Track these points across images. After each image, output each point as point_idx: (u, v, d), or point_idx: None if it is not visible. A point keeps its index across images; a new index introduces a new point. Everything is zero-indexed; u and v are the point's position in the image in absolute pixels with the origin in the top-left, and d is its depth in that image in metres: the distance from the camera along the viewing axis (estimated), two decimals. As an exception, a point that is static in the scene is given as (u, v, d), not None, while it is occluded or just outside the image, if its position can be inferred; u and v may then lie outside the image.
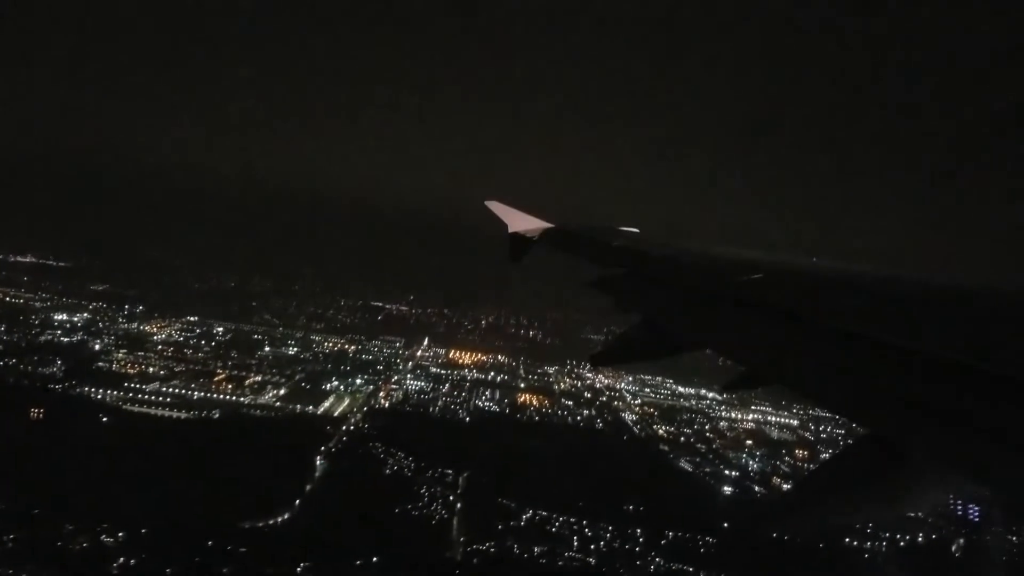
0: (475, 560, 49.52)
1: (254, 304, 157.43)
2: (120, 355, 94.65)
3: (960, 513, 62.06)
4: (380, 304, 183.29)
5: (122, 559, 38.23)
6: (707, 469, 79.79)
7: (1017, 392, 2.39)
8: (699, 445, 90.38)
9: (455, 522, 56.14)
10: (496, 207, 11.41)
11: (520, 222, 10.79)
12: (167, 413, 73.27)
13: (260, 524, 50.17)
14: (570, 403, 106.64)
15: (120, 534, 40.61)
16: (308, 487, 58.65)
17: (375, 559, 44.12)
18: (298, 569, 40.08)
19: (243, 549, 41.29)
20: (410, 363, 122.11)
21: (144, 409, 73.42)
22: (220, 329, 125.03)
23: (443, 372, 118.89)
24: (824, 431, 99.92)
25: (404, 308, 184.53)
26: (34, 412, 63.61)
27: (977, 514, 61.87)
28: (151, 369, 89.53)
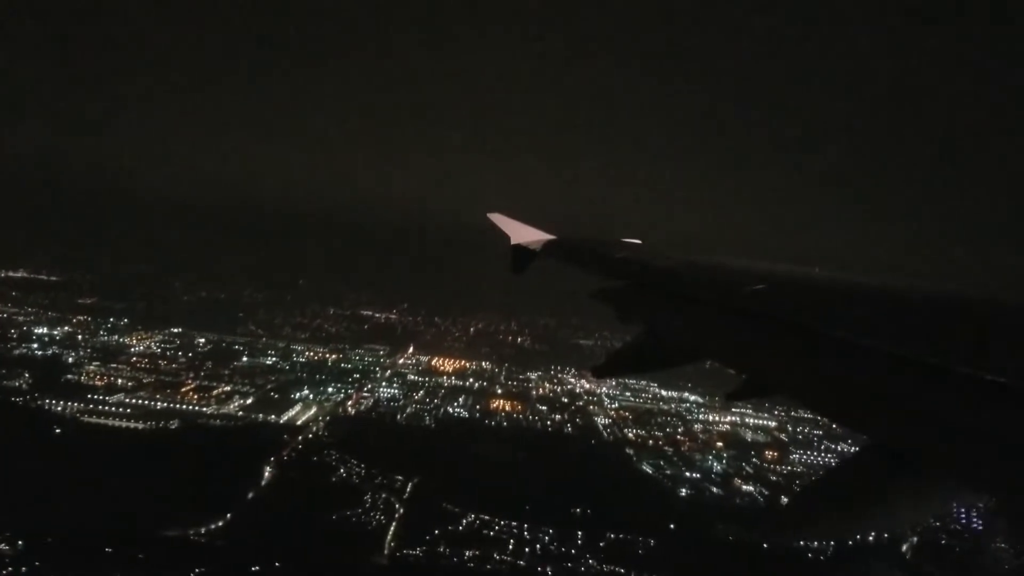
0: (398, 565, 49.57)
1: (241, 315, 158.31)
2: (92, 367, 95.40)
3: (964, 521, 61.24)
4: (370, 313, 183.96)
5: (10, 568, 38.60)
6: (668, 471, 79.27)
7: (1021, 401, 2.43)
8: (667, 448, 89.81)
9: (392, 528, 56.04)
10: (498, 219, 11.50)
11: (522, 234, 10.87)
12: (124, 424, 73.60)
13: (191, 532, 50.41)
14: (544, 408, 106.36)
15: (20, 543, 41.11)
16: (250, 495, 58.77)
17: (288, 566, 44.23)
18: (191, 574, 40.38)
19: (141, 556, 41.61)
20: (388, 371, 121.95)
21: (102, 420, 73.72)
22: (202, 340, 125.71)
23: (421, 379, 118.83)
24: (801, 432, 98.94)
25: (394, 316, 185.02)
26: (-12, 424, 64.42)
27: (980, 523, 61.13)
28: (120, 381, 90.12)
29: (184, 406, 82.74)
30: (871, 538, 61.72)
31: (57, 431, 67.25)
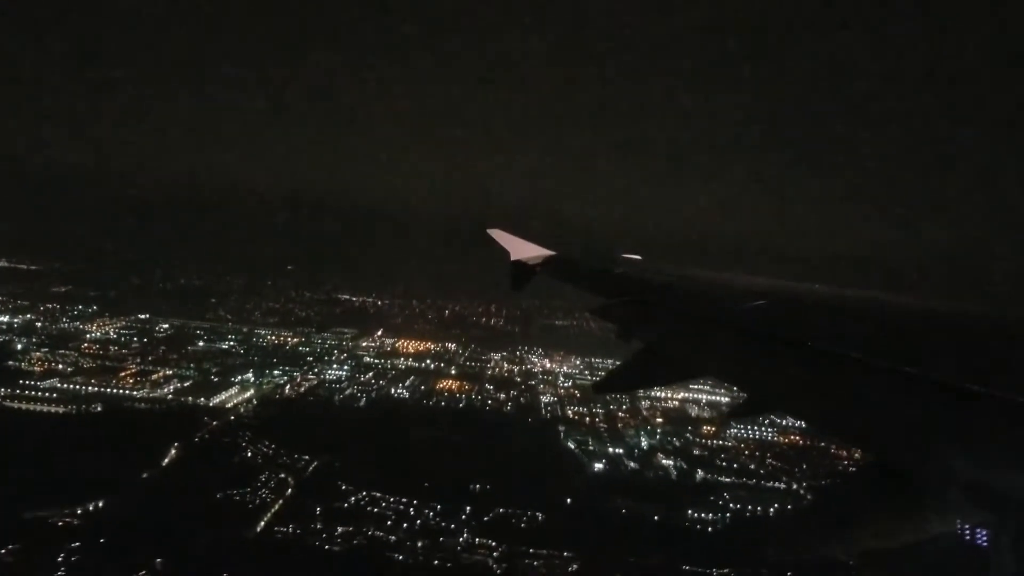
0: (260, 542, 50.03)
1: (213, 301, 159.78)
2: (38, 354, 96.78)
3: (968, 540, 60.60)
4: (347, 297, 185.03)
5: None
6: (591, 447, 78.98)
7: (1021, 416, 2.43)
8: (602, 425, 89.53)
9: (276, 506, 56.33)
10: (498, 235, 11.47)
11: (522, 250, 10.91)
12: (45, 408, 74.72)
13: (64, 512, 50.61)
14: (492, 387, 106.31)
15: None
16: (144, 475, 59.21)
17: (145, 544, 44.88)
18: (2, 551, 41.18)
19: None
20: (345, 354, 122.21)
21: (23, 405, 74.93)
22: (164, 326, 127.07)
23: (376, 361, 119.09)
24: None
25: (370, 300, 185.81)
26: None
27: (984, 540, 60.50)
28: (60, 366, 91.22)
29: (115, 390, 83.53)
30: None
31: (-28, 415, 68.38)
